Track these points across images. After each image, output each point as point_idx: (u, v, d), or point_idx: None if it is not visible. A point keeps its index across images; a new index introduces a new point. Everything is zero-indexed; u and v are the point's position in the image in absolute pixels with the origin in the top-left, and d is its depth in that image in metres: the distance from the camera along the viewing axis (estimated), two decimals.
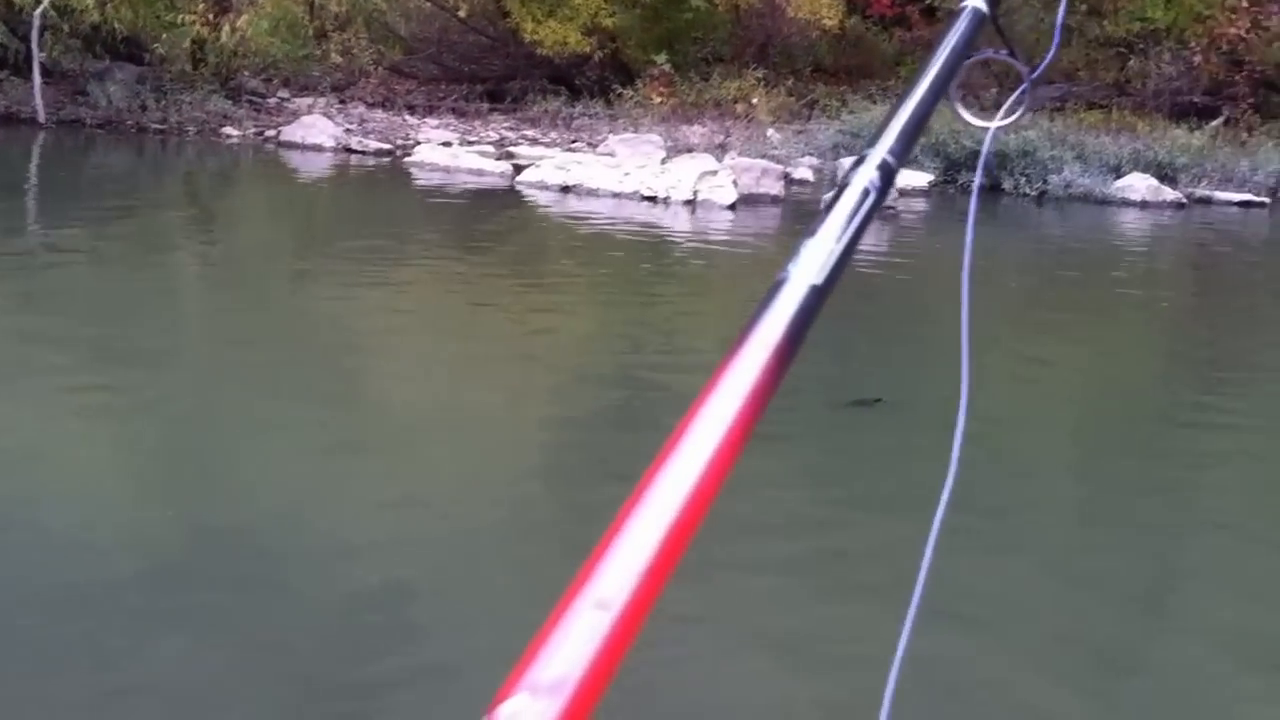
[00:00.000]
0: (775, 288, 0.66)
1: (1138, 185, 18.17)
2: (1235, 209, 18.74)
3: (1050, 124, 19.83)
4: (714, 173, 15.34)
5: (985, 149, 1.41)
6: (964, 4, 1.01)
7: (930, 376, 8.23)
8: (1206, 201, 18.80)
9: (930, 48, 0.95)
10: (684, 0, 21.86)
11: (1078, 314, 10.94)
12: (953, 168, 18.07)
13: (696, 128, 19.57)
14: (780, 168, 16.68)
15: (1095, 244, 15.32)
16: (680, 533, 0.50)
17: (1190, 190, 18.81)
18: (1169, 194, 18.25)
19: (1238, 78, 22.42)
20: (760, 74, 22.09)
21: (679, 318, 9.49)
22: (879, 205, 0.75)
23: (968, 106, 1.16)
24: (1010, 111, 1.22)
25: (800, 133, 20.24)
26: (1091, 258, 14.16)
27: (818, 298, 0.66)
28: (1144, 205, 17.93)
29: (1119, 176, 18.47)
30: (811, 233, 0.71)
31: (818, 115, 21.59)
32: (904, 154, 0.80)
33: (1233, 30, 22.01)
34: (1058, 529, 5.71)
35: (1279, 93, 23.09)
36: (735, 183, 15.17)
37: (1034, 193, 17.91)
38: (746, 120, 20.54)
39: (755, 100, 21.27)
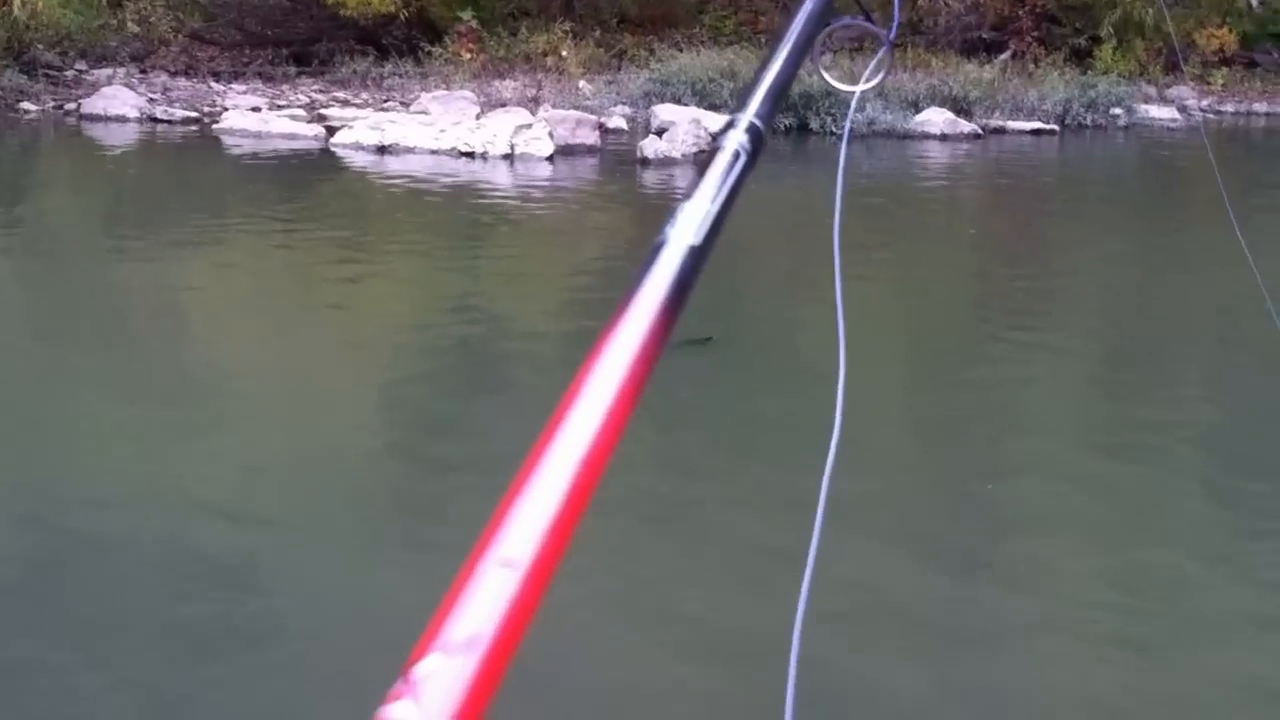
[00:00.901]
0: (655, 250, 0.67)
1: (936, 119, 18.92)
2: (1028, 137, 19.63)
3: (851, 64, 20.44)
4: (529, 126, 15.52)
5: (850, 112, 1.47)
6: None
7: (753, 313, 8.60)
8: (1001, 131, 19.66)
9: (788, 14, 0.98)
10: None
11: (892, 243, 11.33)
12: None
13: (509, 82, 19.65)
14: (594, 118, 16.93)
15: (903, 176, 15.92)
16: (580, 491, 0.51)
17: (985, 121, 19.62)
18: (965, 126, 19.04)
19: (1021, 13, 23.47)
20: (568, 27, 22.25)
21: (508, 271, 9.62)
22: (751, 166, 0.76)
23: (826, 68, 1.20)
24: (874, 75, 1.28)
25: (611, 83, 20.50)
26: (901, 189, 14.73)
27: (697, 258, 0.67)
28: (943, 138, 18.67)
29: (918, 112, 19.19)
30: (687, 195, 0.72)
31: (627, 65, 21.87)
32: (770, 117, 0.83)
33: None
34: (888, 441, 6.15)
35: (1060, 25, 24.22)
36: (551, 135, 15.36)
37: (840, 131, 18.50)
38: (558, 73, 20.70)
39: (565, 53, 21.43)
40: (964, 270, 10.68)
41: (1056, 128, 20.05)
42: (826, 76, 1.29)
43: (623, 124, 18.12)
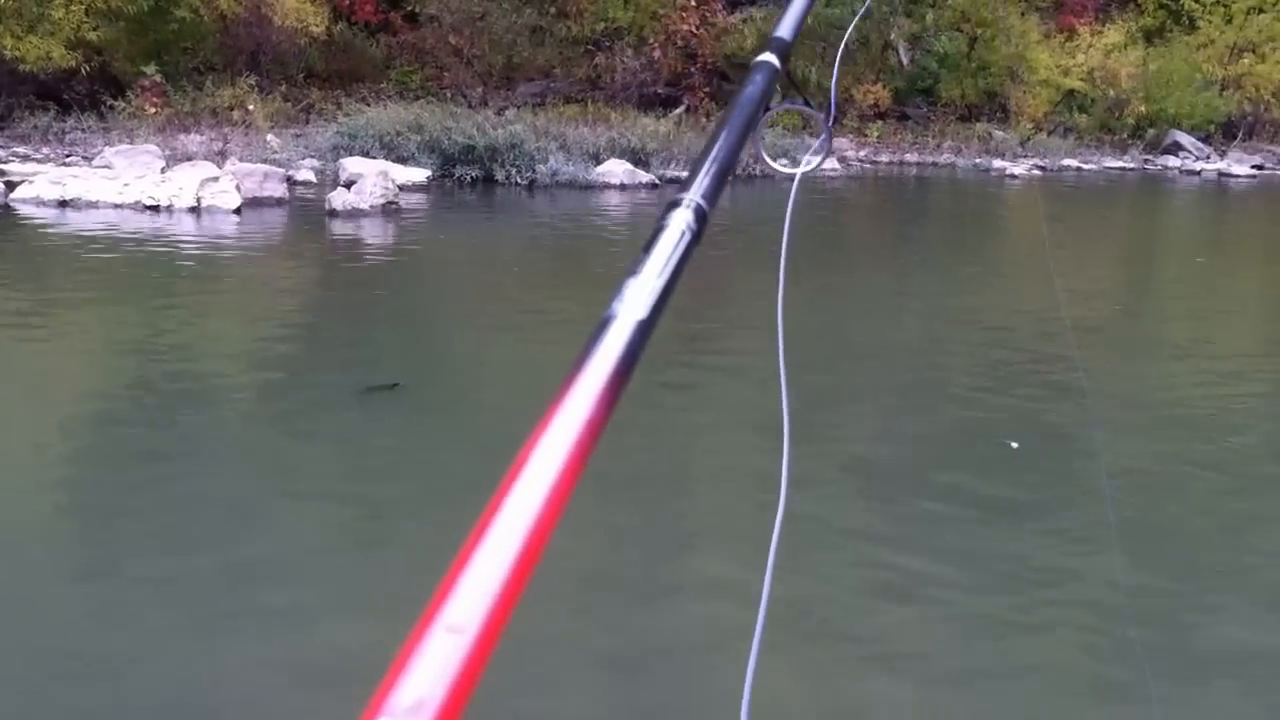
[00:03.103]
0: (603, 325, 0.68)
1: (616, 170, 19.90)
2: None
3: (534, 118, 21.31)
4: (216, 179, 15.59)
5: (793, 195, 1.41)
6: (759, 59, 1.08)
7: (440, 360, 8.88)
8: (677, 181, 20.63)
9: (731, 100, 1.00)
10: (169, 11, 21.71)
11: (580, 289, 11.80)
12: (448, 162, 19.18)
13: (194, 136, 19.61)
14: (282, 171, 17.13)
15: (586, 225, 16.60)
16: (525, 560, 0.53)
17: (662, 172, 20.72)
18: (644, 176, 20.08)
19: (693, 70, 24.91)
20: (253, 81, 22.31)
21: (193, 324, 9.46)
22: (695, 244, 0.79)
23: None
24: (813, 157, 1.32)
25: (299, 136, 20.70)
26: (585, 238, 15.42)
27: (644, 332, 0.69)
28: (623, 188, 19.63)
29: (599, 163, 20.15)
30: (634, 272, 0.74)
31: (315, 119, 22.11)
32: (715, 197, 0.84)
33: (685, 27, 24.44)
34: None
35: (730, 82, 25.74)
36: (239, 188, 15.49)
37: (525, 182, 19.23)
38: (245, 127, 20.76)
39: (251, 107, 21.50)
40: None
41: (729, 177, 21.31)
42: (767, 159, 1.30)
43: (311, 177, 18.35)
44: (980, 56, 27.88)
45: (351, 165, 17.61)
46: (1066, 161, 27.21)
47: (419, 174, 18.43)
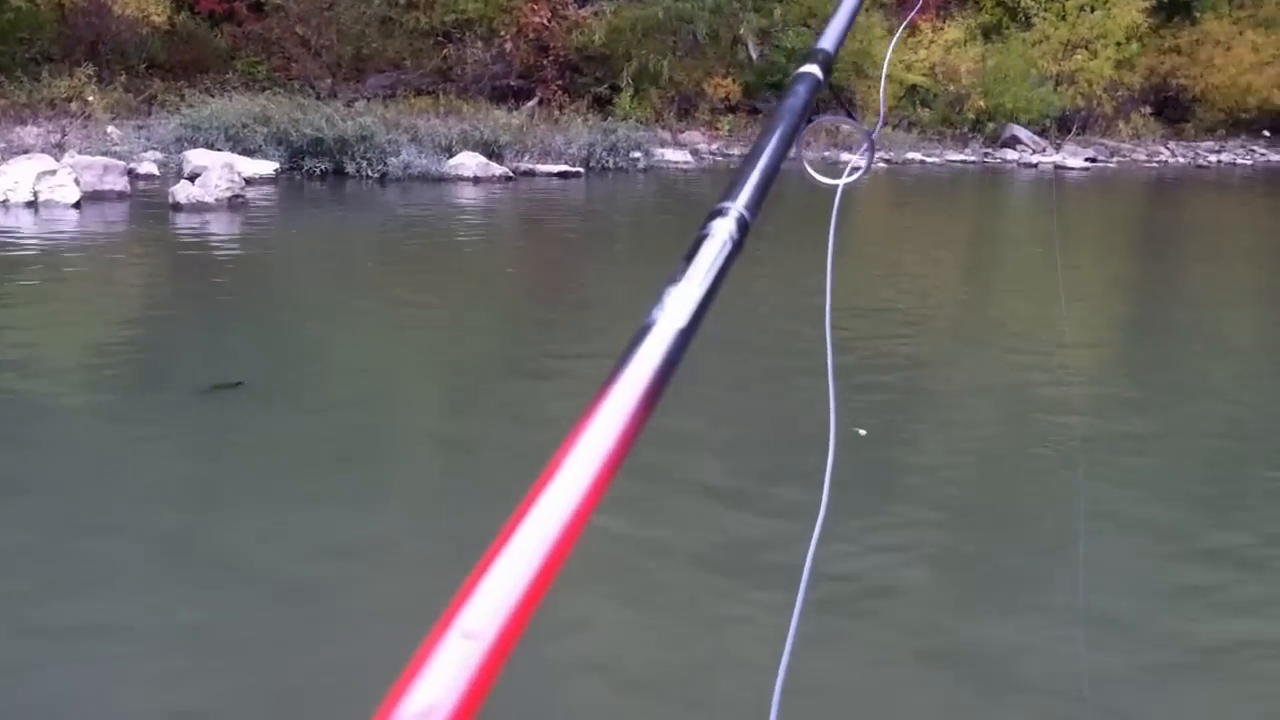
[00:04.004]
0: (642, 332, 0.68)
1: (469, 163, 19.82)
2: (556, 179, 20.87)
3: (384, 110, 21.10)
4: (53, 173, 15.12)
5: (836, 207, 1.37)
6: (802, 70, 1.08)
7: (289, 357, 8.74)
8: (530, 174, 20.79)
9: (774, 110, 1.01)
10: (4, 1, 20.99)
11: (436, 283, 11.73)
12: (296, 155, 18.90)
13: (31, 128, 18.99)
14: (123, 164, 16.69)
15: (440, 218, 16.48)
16: (548, 568, 0.52)
17: (516, 164, 20.74)
18: (497, 169, 20.02)
19: (546, 62, 24.90)
20: (92, 71, 21.69)
21: (29, 322, 9.25)
22: (737, 254, 0.79)
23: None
24: (854, 169, 1.32)
25: (141, 128, 20.17)
26: (438, 231, 15.32)
27: (683, 341, 0.68)
28: (476, 180, 19.57)
29: (451, 155, 20.05)
30: (674, 280, 0.74)
31: (158, 110, 21.57)
32: (757, 208, 0.84)
33: (536, 19, 24.43)
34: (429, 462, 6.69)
35: (583, 75, 25.81)
36: (78, 181, 15.05)
37: (376, 175, 19.03)
38: (84, 118, 20.17)
39: (90, 98, 20.89)
40: (504, 309, 11.15)
41: (581, 170, 21.42)
42: (810, 170, 1.29)
43: (154, 169, 17.89)
44: None
45: (195, 158, 17.23)
46: (911, 155, 27.88)
47: (266, 167, 18.11)
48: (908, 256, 15.31)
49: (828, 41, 1.16)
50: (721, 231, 0.80)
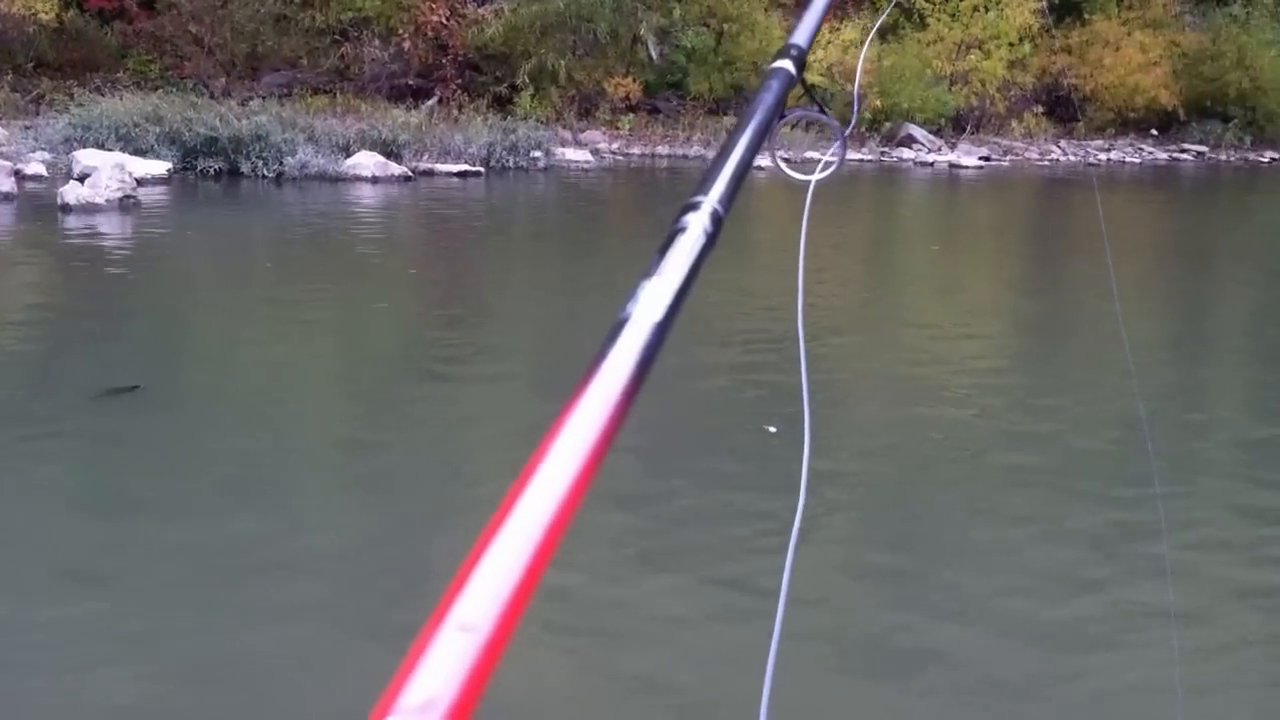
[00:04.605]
0: (618, 327, 0.68)
1: (367, 162, 19.63)
2: (456, 179, 20.75)
3: (280, 109, 20.83)
4: None
5: (808, 202, 1.37)
6: (775, 65, 1.08)
7: (185, 360, 8.60)
8: (430, 174, 20.65)
9: (746, 106, 1.00)
10: None
11: (336, 284, 11.60)
12: (190, 155, 18.61)
13: None
14: (10, 164, 16.29)
15: (338, 218, 16.31)
16: (539, 559, 0.53)
17: (415, 164, 20.58)
18: (396, 169, 19.85)
19: (444, 61, 24.75)
20: None
21: None
22: (710, 248, 0.79)
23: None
24: (827, 165, 1.32)
25: (29, 128, 19.74)
26: (337, 231, 15.14)
27: (660, 334, 0.69)
28: (375, 180, 19.38)
29: (349, 155, 19.84)
30: (649, 274, 0.74)
31: (46, 110, 21.11)
32: (730, 202, 0.85)
33: (435, 18, 24.27)
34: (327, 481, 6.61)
35: (482, 74, 25.70)
36: None
37: (272, 174, 18.79)
38: None
39: None
40: (407, 311, 11.05)
41: (482, 169, 21.33)
42: (783, 165, 1.30)
43: (42, 170, 17.51)
44: (727, 51, 28.54)
45: (85, 158, 16.86)
46: (809, 154, 28.05)
47: (159, 167, 17.79)
48: (813, 257, 15.42)
49: (800, 37, 1.15)
50: (695, 225, 0.80)
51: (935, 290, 12.65)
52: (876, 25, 4.32)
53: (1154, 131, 37.45)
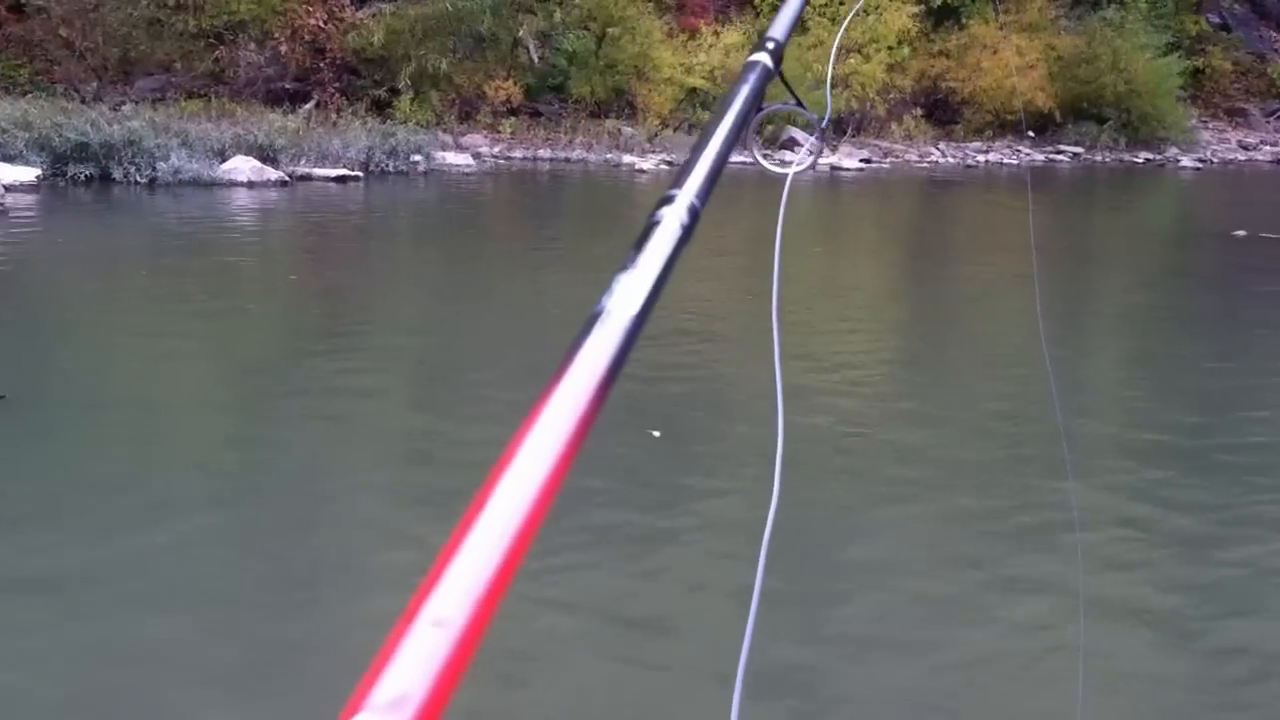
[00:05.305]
0: (593, 320, 0.68)
1: (242, 167, 19.34)
2: (334, 184, 20.52)
3: (153, 113, 20.49)
4: None
5: (785, 194, 1.37)
6: (752, 59, 1.07)
7: (54, 369, 8.41)
8: (308, 178, 20.40)
9: (722, 99, 0.99)
10: None
11: (213, 292, 11.44)
12: (60, 161, 18.22)
13: None
14: None
15: (213, 224, 16.10)
16: (513, 554, 0.52)
17: (292, 169, 20.29)
18: (272, 174, 19.59)
19: (322, 65, 24.51)
20: None
21: None
22: (686, 241, 0.79)
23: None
24: (806, 157, 1.33)
25: None
26: (214, 237, 14.90)
27: (636, 327, 0.68)
28: (251, 185, 19.09)
29: (224, 160, 19.52)
30: (625, 267, 0.73)
31: None
32: (706, 196, 0.84)
33: (312, 21, 24.03)
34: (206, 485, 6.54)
35: (360, 77, 25.49)
36: None
37: (145, 180, 18.43)
38: None
39: None
40: (287, 319, 10.93)
41: (361, 174, 21.13)
42: (759, 158, 1.30)
43: None
44: (608, 54, 28.60)
45: None
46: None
47: (27, 173, 17.38)
48: (690, 260, 15.53)
49: (778, 31, 1.15)
50: (671, 219, 0.80)
51: (817, 291, 12.84)
52: (846, 21, 4.35)
53: (1030, 134, 38.24)
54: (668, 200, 0.82)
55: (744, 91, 1.01)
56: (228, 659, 4.38)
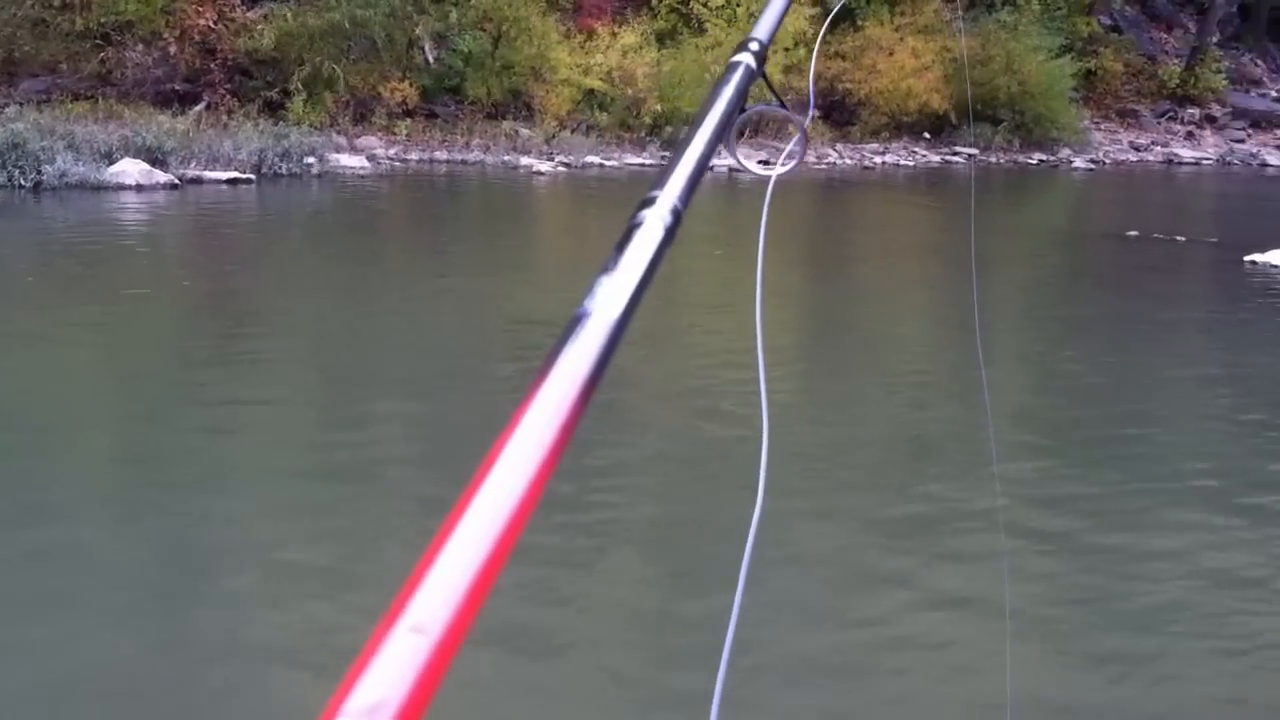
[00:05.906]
0: (575, 322, 0.67)
1: (130, 170, 18.96)
2: (225, 186, 20.17)
3: (38, 116, 20.02)
4: None
5: (768, 196, 1.39)
6: (735, 59, 1.07)
7: None
8: (198, 181, 20.03)
9: (705, 100, 0.99)
10: None
11: (102, 299, 11.22)
12: None
13: None
14: None
15: (101, 228, 15.80)
16: (493, 561, 0.51)
17: (182, 172, 19.92)
18: (162, 176, 19.22)
19: (213, 66, 24.10)
20: None
21: None
22: (668, 243, 0.79)
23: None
24: (787, 159, 1.34)
25: None
26: (102, 242, 14.62)
27: (618, 330, 0.68)
28: (139, 188, 18.72)
29: (112, 163, 19.14)
30: (606, 270, 0.73)
31: None
32: (688, 197, 0.84)
33: (201, 22, 23.61)
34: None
35: (253, 79, 25.10)
36: None
37: (30, 184, 18.03)
38: None
39: None
40: (180, 325, 10.74)
41: (253, 176, 20.80)
42: (741, 160, 1.29)
43: None
44: (504, 55, 28.46)
45: None
46: (590, 159, 28.25)
47: None
48: (592, 262, 15.54)
49: (761, 32, 1.15)
50: (653, 221, 0.79)
51: (720, 297, 12.88)
52: (829, 19, 4.37)
53: (926, 135, 38.75)
54: (649, 202, 0.81)
55: (726, 92, 1.00)
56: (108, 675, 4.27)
